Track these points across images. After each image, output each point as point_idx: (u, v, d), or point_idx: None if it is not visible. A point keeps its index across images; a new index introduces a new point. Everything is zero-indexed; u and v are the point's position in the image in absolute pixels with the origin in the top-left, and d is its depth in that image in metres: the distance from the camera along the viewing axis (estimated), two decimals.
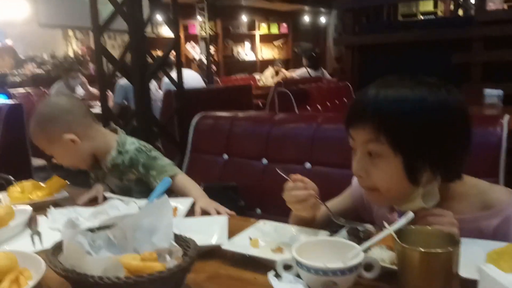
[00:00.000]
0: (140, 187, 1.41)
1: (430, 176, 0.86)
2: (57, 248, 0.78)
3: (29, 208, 1.15)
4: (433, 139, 0.83)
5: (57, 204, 1.28)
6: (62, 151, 1.35)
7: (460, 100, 0.86)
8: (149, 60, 2.57)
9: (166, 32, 9.04)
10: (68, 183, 1.38)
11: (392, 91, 0.85)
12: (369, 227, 0.89)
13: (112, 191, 1.41)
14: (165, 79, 4.49)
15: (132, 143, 1.42)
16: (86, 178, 1.55)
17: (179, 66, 2.83)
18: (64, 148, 1.33)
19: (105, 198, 1.32)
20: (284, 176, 0.97)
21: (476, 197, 0.91)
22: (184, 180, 1.36)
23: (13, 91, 5.36)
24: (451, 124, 0.85)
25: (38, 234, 1.05)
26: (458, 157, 0.87)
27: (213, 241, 0.95)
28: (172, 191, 1.34)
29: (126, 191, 1.39)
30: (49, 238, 1.01)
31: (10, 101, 3.85)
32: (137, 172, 1.40)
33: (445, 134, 0.83)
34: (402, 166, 0.84)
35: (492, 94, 3.16)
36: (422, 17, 9.07)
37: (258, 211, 1.68)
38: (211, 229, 1.00)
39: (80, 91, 5.00)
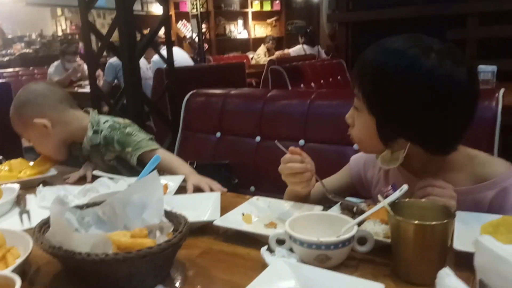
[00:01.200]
0: (123, 164, 1.39)
1: (403, 144, 0.86)
2: (44, 225, 0.77)
3: (16, 186, 1.12)
4: (408, 109, 0.79)
5: (46, 182, 1.26)
6: (35, 136, 1.34)
7: (456, 73, 0.79)
8: (139, 37, 2.51)
9: (156, 9, 8.88)
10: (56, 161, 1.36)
11: (379, 51, 0.84)
12: (363, 205, 0.88)
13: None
14: (154, 58, 4.43)
15: (105, 121, 1.39)
16: (75, 159, 1.52)
17: (169, 43, 2.77)
18: (37, 133, 1.32)
19: (94, 177, 1.29)
20: (283, 148, 0.96)
21: (474, 168, 0.89)
22: (165, 155, 1.32)
23: (1, 70, 5.27)
24: (433, 97, 0.78)
25: (27, 212, 1.04)
26: (442, 134, 0.82)
27: (205, 217, 0.94)
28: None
29: (112, 170, 1.36)
30: (38, 216, 0.99)
31: None
32: (114, 150, 1.37)
33: (423, 107, 0.79)
34: (375, 126, 0.86)
35: (487, 70, 3.13)
36: None
37: (252, 188, 1.67)
38: (204, 205, 0.99)
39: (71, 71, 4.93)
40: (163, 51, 2.89)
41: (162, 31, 2.78)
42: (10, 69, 5.61)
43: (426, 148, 0.86)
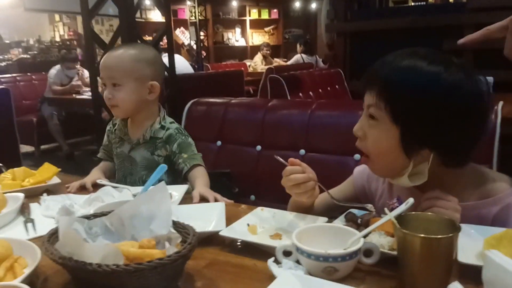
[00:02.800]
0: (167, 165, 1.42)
1: (426, 155, 0.85)
2: (52, 235, 0.77)
3: (21, 195, 1.13)
4: (437, 120, 0.81)
5: (49, 191, 1.26)
6: (132, 88, 1.34)
7: (478, 87, 0.82)
8: None
9: (155, 16, 8.91)
10: (60, 169, 1.36)
11: (407, 61, 0.84)
12: (370, 206, 0.89)
13: (131, 163, 1.42)
14: None
15: (172, 122, 1.45)
16: (76, 165, 1.53)
17: (171, 50, 2.79)
18: (138, 88, 1.35)
19: (98, 185, 1.30)
20: (282, 161, 0.96)
21: (478, 184, 0.90)
22: (201, 171, 1.37)
23: None
24: (461, 109, 0.80)
25: (32, 221, 1.04)
26: (464, 145, 0.84)
27: (211, 227, 0.94)
28: (185, 179, 1.37)
29: (152, 165, 1.37)
30: (42, 225, 1.00)
31: None
32: (169, 150, 1.40)
33: (451, 118, 0.80)
34: (398, 137, 0.84)
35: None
36: (413, 3, 9.06)
37: (252, 197, 1.68)
38: (208, 215, 1.00)
39: (75, 78, 4.93)
40: (164, 58, 2.90)
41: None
42: (8, 75, 5.60)
43: (447, 158, 0.85)
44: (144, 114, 1.41)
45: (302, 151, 1.62)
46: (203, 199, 1.16)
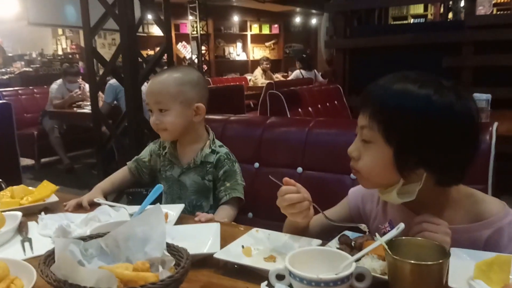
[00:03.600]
0: (212, 188, 1.43)
1: (420, 175, 0.86)
2: (48, 257, 0.78)
3: (19, 214, 1.14)
4: (429, 140, 0.83)
5: (47, 209, 1.27)
6: (179, 111, 1.36)
7: (469, 107, 0.85)
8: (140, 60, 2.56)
9: (157, 30, 8.99)
10: (58, 187, 1.37)
11: (399, 84, 0.86)
12: (363, 226, 0.90)
13: (180, 188, 1.44)
14: None
15: (221, 146, 1.46)
16: (76, 178, 1.54)
17: (171, 65, 2.82)
18: (184, 111, 1.37)
19: (95, 204, 1.31)
20: (277, 182, 0.98)
21: (470, 207, 0.92)
22: (234, 205, 1.38)
23: (0, 89, 5.31)
24: (453, 129, 0.83)
25: (29, 240, 1.04)
26: (457, 163, 0.86)
27: (206, 249, 0.95)
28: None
29: (202, 190, 1.40)
30: (39, 245, 1.01)
31: None
32: (215, 175, 1.41)
33: (444, 138, 0.83)
34: (392, 157, 0.86)
35: (481, 98, 3.19)
36: (412, 20, 9.17)
37: (250, 215, 1.68)
38: (204, 236, 1.01)
39: (75, 92, 4.96)
40: None
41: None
42: (10, 88, 5.64)
43: (441, 177, 0.87)
44: (192, 136, 1.43)
45: (300, 169, 1.62)
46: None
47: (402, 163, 0.86)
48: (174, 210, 1.18)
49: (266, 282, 0.77)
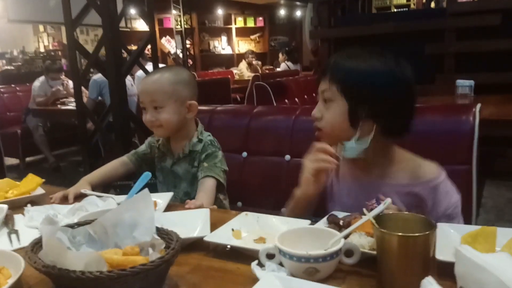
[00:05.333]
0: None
1: (369, 126, 1.04)
2: (36, 244, 0.77)
3: (5, 207, 1.12)
4: (374, 94, 1.02)
5: (33, 202, 1.26)
6: (173, 109, 1.41)
7: (405, 72, 1.04)
8: (125, 54, 2.53)
9: (140, 26, 8.91)
10: (44, 180, 1.35)
11: (351, 55, 1.06)
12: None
13: (174, 177, 1.48)
14: (138, 73, 4.43)
15: (209, 135, 1.52)
16: (62, 176, 1.52)
17: (155, 60, 2.80)
18: (178, 109, 1.41)
19: (82, 195, 1.30)
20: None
21: (412, 168, 1.08)
22: (209, 183, 1.38)
23: None
24: (393, 88, 1.02)
25: (15, 232, 1.03)
26: (399, 116, 1.04)
27: (196, 233, 0.95)
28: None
29: (194, 178, 1.44)
30: (26, 236, 0.99)
31: None
32: (200, 159, 1.45)
33: (387, 94, 1.02)
34: (347, 110, 1.04)
35: (464, 84, 3.24)
36: (395, 10, 9.22)
37: (239, 204, 1.68)
38: (193, 222, 1.00)
39: (57, 87, 4.89)
40: (148, 66, 2.91)
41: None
42: None
43: (387, 129, 1.04)
44: (183, 132, 1.48)
45: (287, 157, 1.63)
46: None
47: (355, 115, 1.03)
48: (163, 198, 1.18)
49: (256, 262, 0.77)
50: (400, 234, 0.69)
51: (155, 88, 1.41)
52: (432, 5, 7.38)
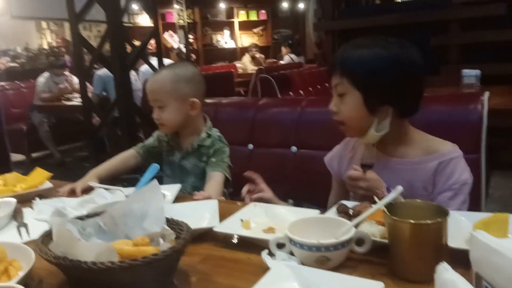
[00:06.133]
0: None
1: (385, 111, 1.06)
2: (46, 236, 0.77)
3: (13, 200, 1.12)
4: (384, 81, 1.04)
5: (41, 195, 1.26)
6: (176, 107, 1.42)
7: (411, 55, 1.06)
8: (129, 49, 2.53)
9: (143, 21, 8.89)
10: (52, 174, 1.35)
11: (357, 46, 1.08)
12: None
13: (181, 171, 1.48)
14: (142, 68, 4.43)
15: (216, 131, 1.53)
16: (68, 172, 1.53)
17: (159, 54, 2.79)
18: (180, 106, 1.42)
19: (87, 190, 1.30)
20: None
21: (425, 143, 1.11)
22: (217, 177, 1.40)
23: None
24: (402, 72, 1.04)
25: (25, 225, 1.04)
26: (410, 97, 1.08)
27: (205, 224, 0.95)
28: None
29: (202, 172, 1.45)
30: (35, 229, 1.00)
31: None
32: (208, 154, 1.46)
33: (397, 79, 1.04)
34: (362, 100, 1.06)
35: (470, 74, 3.21)
36: (399, 0, 9.13)
37: None
38: (202, 213, 1.00)
39: (64, 85, 4.90)
40: (153, 61, 2.90)
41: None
42: None
43: (401, 109, 1.07)
44: (190, 128, 1.49)
45: (294, 148, 1.63)
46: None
47: (370, 103, 1.06)
48: (171, 190, 1.18)
49: (267, 251, 0.77)
50: (412, 221, 0.68)
51: (156, 88, 1.43)
52: None
